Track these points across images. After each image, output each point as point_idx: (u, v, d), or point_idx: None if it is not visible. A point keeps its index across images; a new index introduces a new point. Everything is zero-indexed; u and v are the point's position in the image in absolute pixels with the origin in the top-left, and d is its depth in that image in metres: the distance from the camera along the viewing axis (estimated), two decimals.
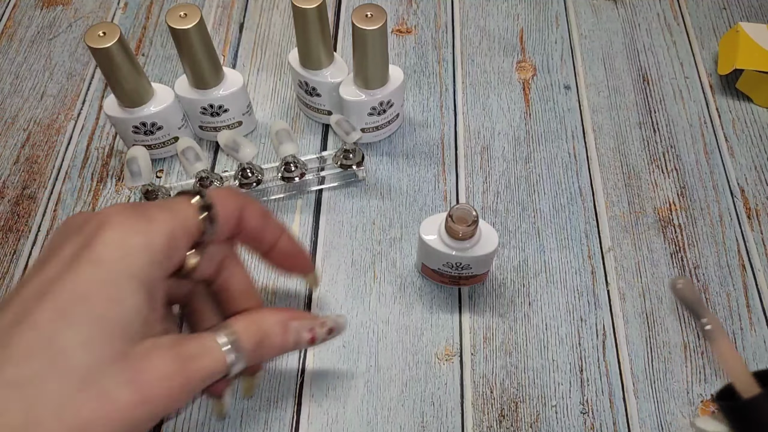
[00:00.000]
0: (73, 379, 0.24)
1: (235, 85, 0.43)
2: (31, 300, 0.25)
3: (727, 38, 0.51)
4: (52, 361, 0.23)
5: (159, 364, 0.26)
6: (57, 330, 0.24)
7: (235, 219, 0.30)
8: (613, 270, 0.42)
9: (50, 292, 0.24)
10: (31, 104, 0.50)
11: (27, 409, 0.23)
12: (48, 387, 0.23)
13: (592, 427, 0.36)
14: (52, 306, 0.24)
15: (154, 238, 0.26)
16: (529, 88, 0.50)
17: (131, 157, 0.39)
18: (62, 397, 0.23)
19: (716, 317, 0.34)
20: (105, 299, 0.25)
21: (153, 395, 0.25)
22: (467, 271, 0.36)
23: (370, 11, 0.38)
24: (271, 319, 0.31)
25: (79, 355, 0.24)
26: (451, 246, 0.34)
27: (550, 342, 0.39)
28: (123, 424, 0.24)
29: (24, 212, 0.44)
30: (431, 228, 0.35)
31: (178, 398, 0.26)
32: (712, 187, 0.45)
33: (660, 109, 0.49)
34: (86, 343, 0.24)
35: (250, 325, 0.30)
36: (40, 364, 0.23)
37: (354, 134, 0.42)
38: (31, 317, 0.24)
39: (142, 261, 0.26)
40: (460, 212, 0.33)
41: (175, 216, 0.28)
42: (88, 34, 0.37)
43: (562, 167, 0.46)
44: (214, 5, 0.56)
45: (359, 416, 0.36)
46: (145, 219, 0.27)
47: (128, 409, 0.24)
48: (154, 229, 0.27)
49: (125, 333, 0.25)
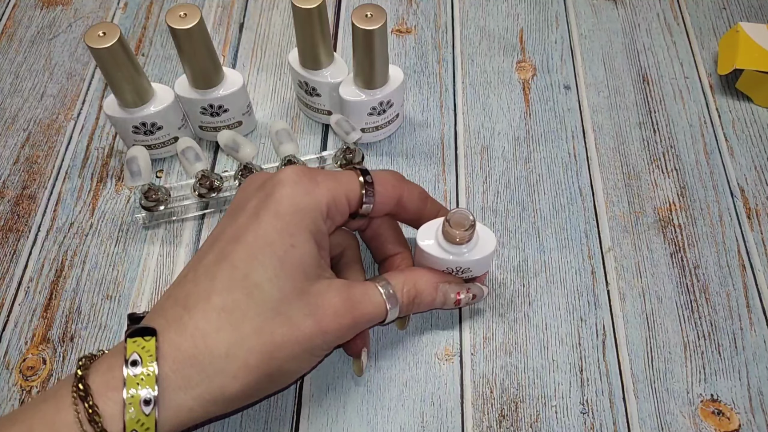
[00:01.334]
0: (267, 308, 0.29)
1: (235, 85, 0.43)
2: (227, 243, 0.30)
3: (727, 38, 0.51)
4: (249, 293, 0.29)
5: (332, 302, 0.30)
6: (251, 268, 0.29)
7: (393, 201, 0.35)
8: (613, 270, 0.42)
9: (242, 238, 0.30)
10: (31, 104, 0.50)
11: (233, 330, 0.28)
12: (248, 313, 0.28)
13: (592, 427, 0.36)
14: (245, 248, 0.29)
15: (320, 199, 0.31)
16: (529, 88, 0.50)
17: (131, 157, 0.39)
18: (259, 322, 0.28)
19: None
20: (285, 244, 0.29)
21: (328, 328, 0.30)
22: (467, 274, 0.36)
23: (370, 11, 0.38)
24: (425, 278, 0.35)
25: (270, 288, 0.29)
26: (449, 251, 0.34)
27: (550, 342, 0.39)
28: (304, 348, 0.29)
29: (24, 212, 0.44)
30: (428, 234, 0.35)
31: (345, 334, 0.31)
32: (712, 187, 0.45)
33: (660, 109, 0.49)
34: (274, 279, 0.29)
35: (407, 282, 0.34)
36: (240, 295, 0.28)
37: (354, 134, 0.42)
38: (230, 257, 0.29)
39: (310, 217, 0.30)
40: (457, 217, 0.33)
41: (339, 185, 0.32)
42: (88, 34, 0.37)
43: (562, 167, 0.46)
44: (214, 5, 0.56)
45: (359, 416, 0.36)
46: (313, 183, 0.31)
47: (309, 337, 0.29)
48: (320, 192, 0.31)
49: (303, 273, 0.30)
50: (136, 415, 0.26)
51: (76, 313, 0.40)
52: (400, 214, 0.36)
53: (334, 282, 0.31)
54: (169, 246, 0.43)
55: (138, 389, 0.26)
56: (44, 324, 0.39)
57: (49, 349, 0.39)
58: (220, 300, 0.28)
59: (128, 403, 0.26)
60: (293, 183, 0.31)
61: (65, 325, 0.39)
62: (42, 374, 0.38)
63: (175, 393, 0.27)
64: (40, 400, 0.27)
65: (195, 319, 0.28)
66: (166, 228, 0.43)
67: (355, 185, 0.33)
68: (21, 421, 0.26)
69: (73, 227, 0.43)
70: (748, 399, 0.37)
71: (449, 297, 0.36)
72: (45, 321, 0.40)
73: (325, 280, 0.31)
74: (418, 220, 0.36)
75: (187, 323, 0.28)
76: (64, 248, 0.42)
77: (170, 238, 0.43)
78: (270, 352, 0.28)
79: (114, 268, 0.42)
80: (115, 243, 0.43)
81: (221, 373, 0.28)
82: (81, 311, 0.40)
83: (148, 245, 0.43)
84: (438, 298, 0.35)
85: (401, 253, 0.38)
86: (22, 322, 0.40)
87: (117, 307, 0.40)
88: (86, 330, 0.39)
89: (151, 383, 0.26)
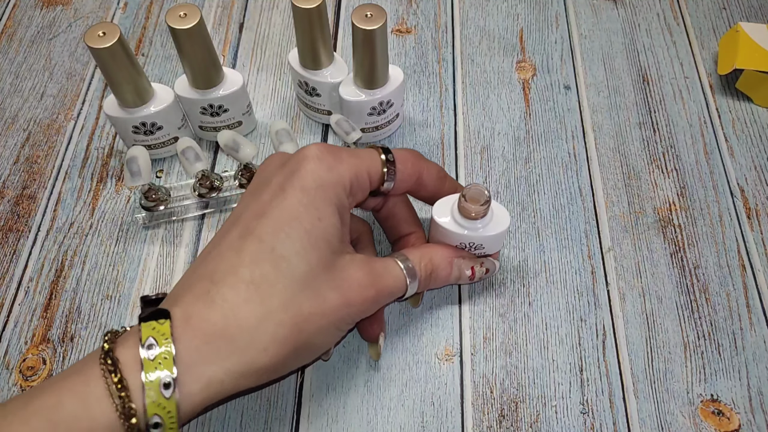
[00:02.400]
0: (295, 282, 0.29)
1: (235, 85, 0.43)
2: (252, 219, 0.30)
3: (727, 38, 0.51)
4: (277, 266, 0.29)
5: (357, 276, 0.31)
6: (278, 241, 0.29)
7: (413, 179, 0.35)
8: (613, 270, 0.42)
9: (268, 212, 0.30)
10: (31, 104, 0.50)
11: (261, 303, 0.28)
12: (277, 286, 0.28)
13: (592, 427, 0.36)
14: (271, 223, 0.29)
15: (343, 174, 0.31)
16: (529, 88, 0.50)
17: (131, 157, 0.39)
18: (287, 295, 0.28)
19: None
20: (311, 218, 0.30)
21: (353, 301, 0.30)
22: (480, 251, 0.37)
23: (370, 11, 0.38)
24: (440, 254, 0.36)
25: (297, 261, 0.29)
26: (464, 226, 0.34)
27: (550, 342, 0.39)
28: (330, 321, 0.30)
29: (24, 212, 0.44)
30: (443, 209, 0.35)
31: (369, 307, 0.32)
32: (712, 187, 0.45)
33: (660, 109, 0.49)
34: (301, 253, 0.29)
35: (424, 257, 0.35)
36: (268, 268, 0.29)
37: (354, 134, 0.42)
38: (256, 231, 0.29)
39: (335, 192, 0.31)
40: (473, 192, 0.33)
41: (361, 162, 0.33)
42: (88, 34, 0.37)
43: (562, 167, 0.46)
44: (214, 5, 0.56)
45: (359, 416, 0.36)
46: (337, 159, 0.32)
47: (335, 309, 0.30)
48: (343, 168, 0.32)
49: (329, 247, 0.30)
50: (157, 399, 0.26)
51: (76, 313, 0.40)
52: (419, 192, 0.37)
53: (356, 256, 0.32)
54: (169, 246, 0.43)
55: (156, 372, 0.26)
56: (44, 324, 0.39)
57: (49, 349, 0.39)
58: (248, 273, 0.28)
59: (147, 388, 0.26)
60: (317, 159, 0.31)
61: (65, 325, 0.39)
62: (42, 374, 0.38)
63: (206, 366, 0.27)
64: (67, 373, 0.27)
65: (222, 292, 0.28)
66: (166, 228, 0.43)
67: (377, 163, 0.33)
68: (49, 393, 0.26)
69: (73, 227, 0.43)
70: (748, 399, 0.37)
71: (464, 272, 0.36)
72: (45, 321, 0.40)
73: (348, 254, 0.32)
74: (436, 198, 0.36)
75: (215, 296, 0.28)
76: (64, 248, 0.42)
77: (170, 238, 0.43)
78: (299, 325, 0.29)
79: (114, 268, 0.42)
80: (115, 243, 0.43)
81: (251, 346, 0.28)
82: (81, 311, 0.40)
83: (148, 245, 0.43)
84: (453, 273, 0.36)
85: (415, 233, 0.39)
86: (22, 322, 0.40)
87: (117, 307, 0.40)
88: (86, 330, 0.39)
89: (169, 366, 0.26)
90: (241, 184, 0.43)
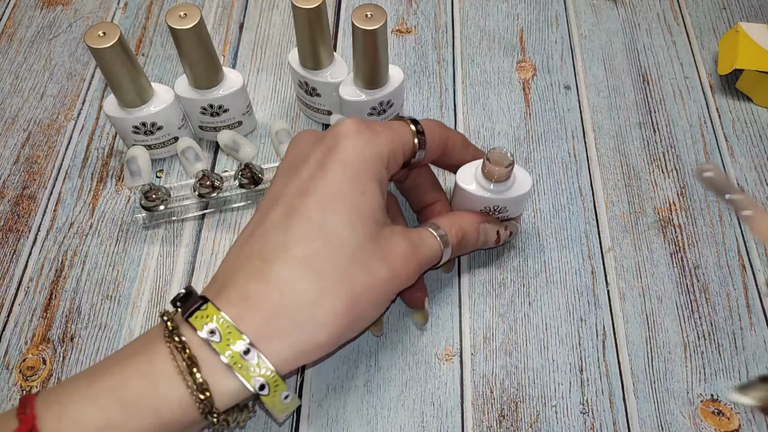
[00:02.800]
0: (345, 256, 0.29)
1: (235, 85, 0.43)
2: (295, 196, 0.30)
3: (727, 38, 0.51)
4: (327, 242, 0.29)
5: (400, 247, 0.31)
6: (325, 217, 0.29)
7: (441, 149, 0.36)
8: (613, 270, 0.42)
9: (312, 189, 0.30)
10: (31, 104, 0.50)
11: (316, 279, 0.28)
12: (329, 262, 0.29)
13: (592, 427, 0.36)
14: (316, 199, 0.29)
15: (381, 148, 0.32)
16: (529, 88, 0.50)
17: (131, 156, 0.39)
18: (340, 270, 0.29)
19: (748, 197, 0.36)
20: (356, 192, 0.30)
21: (399, 272, 0.31)
22: (503, 214, 0.38)
23: (370, 11, 0.38)
24: (468, 220, 0.36)
25: (346, 236, 0.29)
26: (489, 189, 0.35)
27: (550, 342, 0.39)
28: (379, 294, 0.30)
29: (24, 212, 0.44)
30: (467, 174, 0.36)
31: (411, 277, 0.32)
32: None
33: (660, 109, 0.49)
34: (349, 227, 0.29)
35: (453, 225, 0.36)
36: (319, 244, 0.29)
37: None
38: (301, 209, 0.29)
39: (375, 165, 0.31)
40: (496, 155, 0.34)
41: (396, 135, 0.33)
42: (88, 34, 0.37)
43: (562, 167, 0.46)
44: (214, 5, 0.56)
45: (359, 416, 0.36)
46: (374, 133, 0.32)
47: (384, 282, 0.30)
48: (381, 141, 0.32)
49: (374, 220, 0.30)
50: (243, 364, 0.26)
51: (76, 313, 0.40)
52: (444, 161, 0.37)
53: (395, 228, 0.32)
54: (169, 246, 0.43)
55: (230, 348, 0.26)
56: (44, 324, 0.39)
57: (49, 349, 0.39)
58: (299, 250, 0.28)
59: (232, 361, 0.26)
60: (355, 133, 0.31)
61: (65, 325, 0.39)
62: (42, 374, 0.38)
63: (270, 343, 0.27)
64: (126, 353, 0.27)
65: (276, 270, 0.28)
66: (166, 228, 0.43)
67: (408, 135, 0.34)
68: (112, 373, 0.26)
69: (73, 227, 0.43)
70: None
71: (490, 235, 0.37)
72: (45, 321, 0.40)
73: (388, 227, 0.32)
74: (459, 165, 0.37)
75: (269, 275, 0.28)
76: (64, 248, 0.42)
77: (170, 238, 0.43)
78: (353, 298, 0.29)
79: (114, 268, 0.42)
80: (115, 243, 0.43)
81: (311, 322, 0.28)
82: (81, 311, 0.40)
83: (148, 245, 0.43)
84: (480, 238, 0.37)
85: (440, 201, 0.39)
86: (22, 322, 0.40)
87: (117, 307, 0.40)
88: (86, 330, 0.39)
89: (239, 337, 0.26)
90: (241, 184, 0.43)
